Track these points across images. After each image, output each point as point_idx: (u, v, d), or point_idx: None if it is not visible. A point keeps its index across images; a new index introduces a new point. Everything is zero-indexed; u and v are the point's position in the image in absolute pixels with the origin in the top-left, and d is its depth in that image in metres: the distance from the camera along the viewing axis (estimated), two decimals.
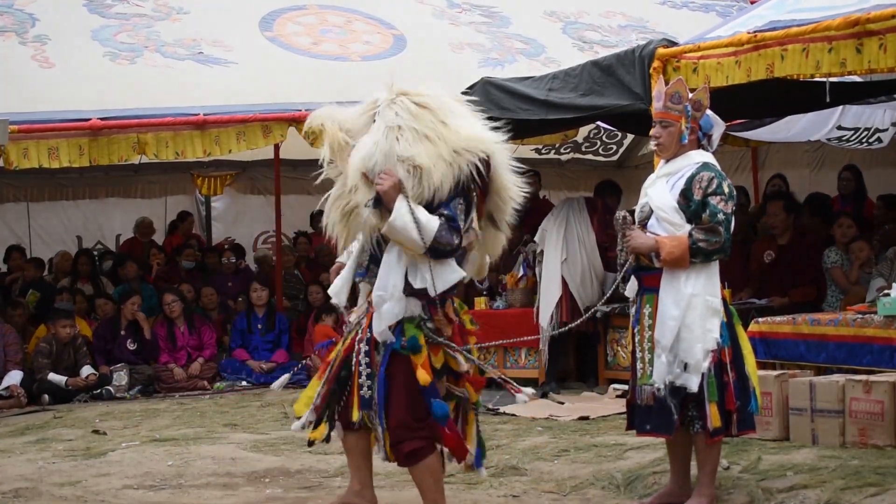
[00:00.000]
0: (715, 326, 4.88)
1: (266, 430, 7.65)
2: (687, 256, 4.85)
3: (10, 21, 11.66)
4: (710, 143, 5.10)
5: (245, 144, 10.46)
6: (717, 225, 4.86)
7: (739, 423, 4.97)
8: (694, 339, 4.86)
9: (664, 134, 5.04)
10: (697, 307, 4.87)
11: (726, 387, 4.90)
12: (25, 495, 5.93)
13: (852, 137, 10.72)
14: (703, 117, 5.06)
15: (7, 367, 9.82)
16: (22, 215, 13.46)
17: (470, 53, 12.39)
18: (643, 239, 4.95)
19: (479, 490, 5.61)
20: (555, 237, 8.99)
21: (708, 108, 5.08)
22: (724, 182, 4.93)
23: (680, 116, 5.00)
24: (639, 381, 5.04)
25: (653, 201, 5.02)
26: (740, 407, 4.94)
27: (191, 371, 10.45)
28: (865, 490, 4.87)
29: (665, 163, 5.09)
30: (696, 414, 4.89)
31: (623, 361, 8.78)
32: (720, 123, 5.15)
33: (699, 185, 4.91)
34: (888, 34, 5.99)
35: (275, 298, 11.45)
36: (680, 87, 5.05)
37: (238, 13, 12.44)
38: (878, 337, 6.34)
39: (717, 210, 4.87)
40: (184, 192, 13.94)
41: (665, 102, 5.03)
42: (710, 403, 4.85)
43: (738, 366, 4.97)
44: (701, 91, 5.10)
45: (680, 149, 5.03)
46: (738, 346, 5.01)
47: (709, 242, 4.85)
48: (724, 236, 4.86)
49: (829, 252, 8.64)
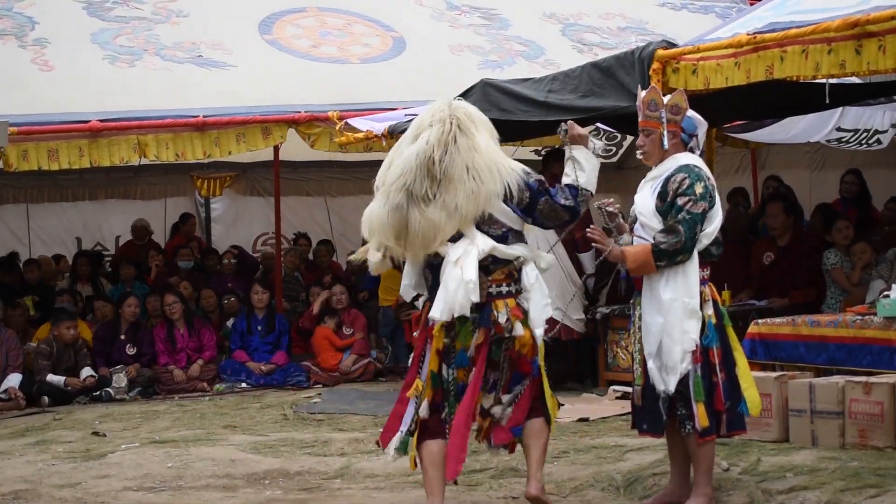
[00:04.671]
0: (692, 328, 4.90)
1: (266, 431, 7.65)
2: (651, 260, 4.90)
3: (10, 24, 11.66)
4: (697, 143, 5.14)
5: (245, 146, 10.47)
6: (676, 224, 4.89)
7: (729, 423, 5.00)
8: (672, 342, 4.90)
9: (647, 142, 5.13)
10: (676, 310, 4.91)
11: (715, 387, 4.93)
12: (25, 497, 5.93)
13: (852, 139, 10.72)
14: (685, 119, 5.10)
15: (7, 371, 9.82)
16: (21, 217, 13.46)
17: (469, 55, 12.39)
18: (615, 251, 5.02)
19: (479, 491, 5.61)
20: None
21: (687, 109, 5.12)
22: (698, 182, 4.94)
23: (658, 123, 5.08)
24: (635, 381, 5.10)
25: (637, 206, 5.11)
26: (730, 407, 4.97)
27: (190, 373, 10.44)
28: (865, 491, 4.87)
29: (653, 168, 5.15)
30: (686, 414, 4.91)
31: (623, 363, 8.77)
32: (703, 123, 5.20)
33: (672, 185, 4.97)
34: (887, 35, 5.98)
35: (275, 300, 11.44)
36: (654, 95, 5.12)
37: (237, 16, 12.45)
38: (878, 338, 6.34)
39: (680, 209, 4.91)
40: (183, 194, 13.94)
41: (644, 111, 5.12)
42: (697, 403, 4.89)
43: (727, 366, 4.99)
44: (676, 95, 5.15)
45: (664, 154, 5.09)
46: (728, 348, 5.03)
47: (668, 243, 4.89)
48: (686, 235, 4.88)
49: (828, 253, 8.65)
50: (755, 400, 5.05)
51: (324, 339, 10.82)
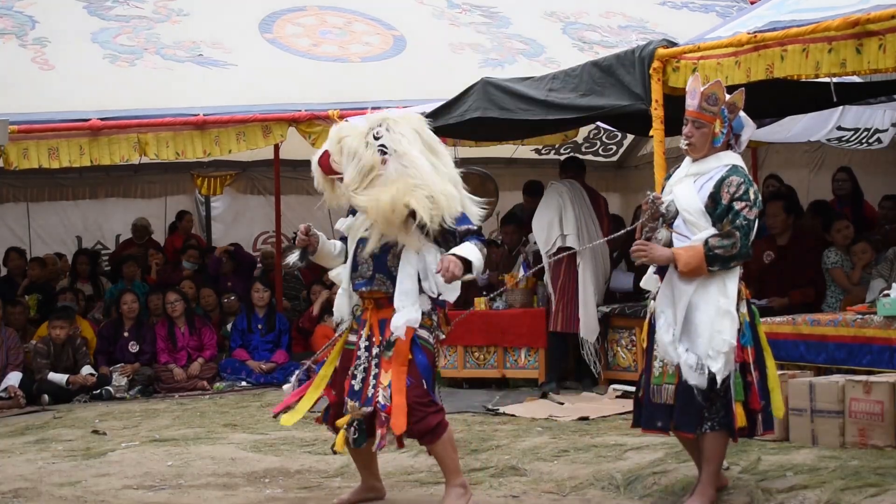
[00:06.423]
0: (726, 328, 4.84)
1: (266, 430, 7.65)
2: (704, 265, 4.84)
3: (10, 24, 11.67)
4: (738, 143, 5.08)
5: (245, 145, 10.47)
6: (734, 230, 4.83)
7: (764, 423, 4.98)
8: (705, 341, 4.84)
9: (697, 134, 5.00)
10: (709, 310, 4.86)
11: (750, 386, 4.90)
12: (25, 495, 5.93)
13: (852, 138, 10.72)
14: (736, 119, 5.03)
15: (7, 369, 9.82)
16: (22, 215, 13.46)
17: (470, 54, 12.39)
18: (660, 252, 4.93)
19: (479, 490, 5.61)
20: (573, 225, 8.93)
21: (742, 109, 5.05)
22: (751, 188, 4.90)
23: (714, 118, 4.97)
24: (656, 379, 4.99)
25: (679, 202, 4.99)
26: (764, 406, 4.95)
27: (190, 371, 10.45)
28: (865, 491, 4.86)
29: (692, 161, 5.06)
30: (708, 416, 4.88)
31: (623, 362, 8.78)
32: (751, 125, 5.11)
33: (727, 189, 4.89)
34: (888, 34, 5.99)
35: (275, 299, 11.44)
36: (717, 89, 5.00)
37: (238, 15, 12.45)
38: (878, 337, 6.35)
39: (739, 215, 4.85)
40: (184, 193, 13.95)
41: (700, 103, 4.98)
42: (736, 403, 4.85)
43: (760, 366, 4.96)
44: (738, 94, 5.05)
45: (711, 150, 5.00)
46: (760, 347, 5.00)
47: (725, 248, 4.83)
48: (742, 242, 4.83)
49: (828, 253, 8.65)
50: (779, 401, 5.03)
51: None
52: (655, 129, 7.30)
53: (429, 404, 5.04)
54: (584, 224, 8.99)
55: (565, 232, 8.90)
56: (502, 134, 9.85)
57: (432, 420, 5.02)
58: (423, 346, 5.07)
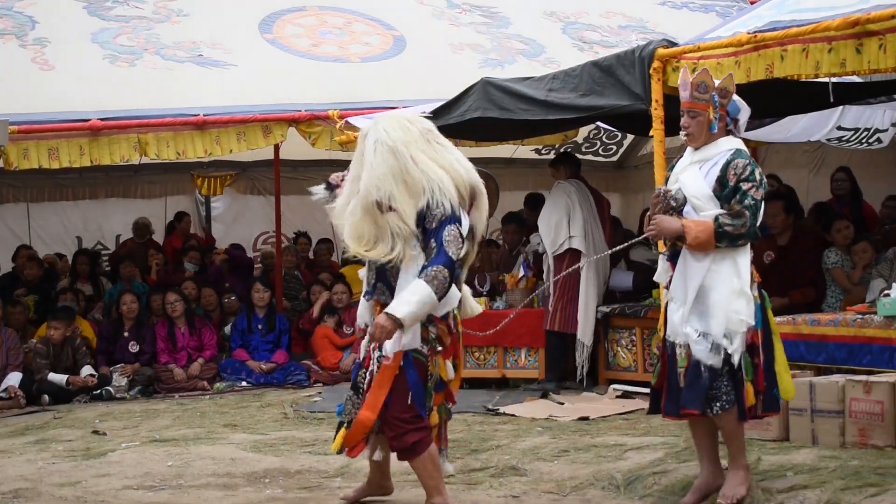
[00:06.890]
0: (741, 308, 4.91)
1: (266, 430, 7.65)
2: (713, 240, 4.91)
3: (10, 24, 11.67)
4: (737, 127, 5.16)
5: (245, 145, 10.47)
6: (744, 209, 4.91)
7: (765, 404, 5.02)
8: (720, 322, 4.89)
9: (693, 123, 5.10)
10: (724, 291, 4.91)
11: (756, 368, 4.96)
12: (25, 496, 5.93)
13: (852, 138, 10.70)
14: (730, 103, 5.12)
15: (7, 369, 9.82)
16: (22, 216, 13.45)
17: (470, 54, 12.39)
18: (668, 223, 5.00)
19: (479, 490, 5.61)
20: (580, 227, 8.96)
21: (734, 93, 5.13)
22: (756, 169, 5.00)
23: (707, 105, 5.07)
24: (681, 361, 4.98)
25: (687, 189, 5.07)
26: (767, 388, 5.00)
27: (190, 371, 10.44)
28: (865, 490, 4.87)
29: (695, 150, 5.14)
30: (717, 394, 4.89)
31: (623, 362, 8.78)
32: (746, 108, 5.19)
33: (734, 171, 4.97)
34: (888, 34, 5.99)
35: (275, 299, 11.44)
36: (705, 77, 5.10)
37: (237, 15, 12.46)
38: (878, 337, 6.35)
39: (747, 195, 4.92)
40: (184, 193, 13.95)
41: (692, 92, 5.09)
42: (747, 382, 4.92)
43: (767, 349, 5.01)
44: (726, 79, 5.15)
45: (710, 137, 5.09)
46: (768, 330, 5.05)
47: (734, 227, 4.90)
48: (751, 221, 4.91)
49: (828, 252, 8.64)
50: (789, 384, 5.08)
51: (324, 338, 10.82)
52: (655, 129, 7.30)
53: (409, 421, 4.99)
54: (590, 226, 9.01)
55: (572, 233, 8.93)
56: (502, 134, 9.85)
57: (409, 438, 4.99)
58: (415, 359, 5.02)
